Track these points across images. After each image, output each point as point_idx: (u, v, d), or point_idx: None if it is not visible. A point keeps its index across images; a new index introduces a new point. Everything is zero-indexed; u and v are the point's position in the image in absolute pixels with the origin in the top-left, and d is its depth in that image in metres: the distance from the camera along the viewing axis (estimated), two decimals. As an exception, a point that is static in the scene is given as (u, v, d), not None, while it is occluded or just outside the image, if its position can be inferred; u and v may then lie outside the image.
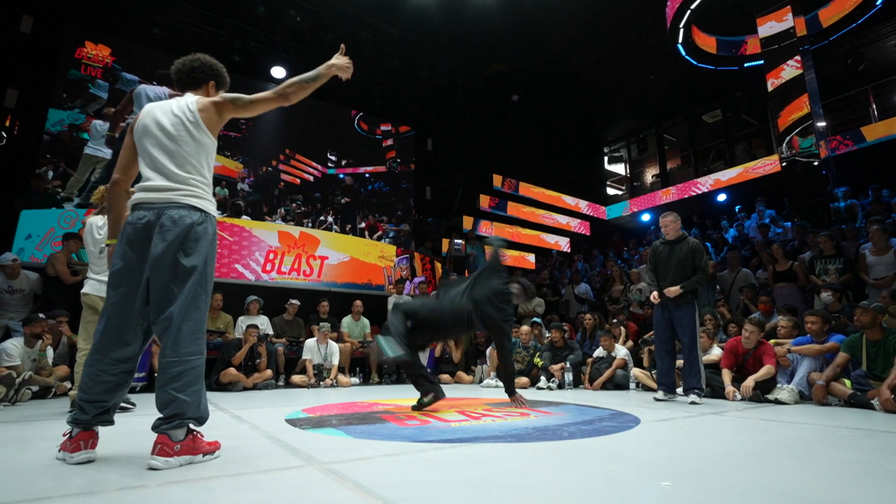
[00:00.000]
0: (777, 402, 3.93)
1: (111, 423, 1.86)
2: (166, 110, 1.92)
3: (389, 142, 12.64)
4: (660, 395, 4.22)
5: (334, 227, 10.66)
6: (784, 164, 8.62)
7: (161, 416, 1.72)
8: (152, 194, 1.84)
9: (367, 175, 11.99)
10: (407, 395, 4.64)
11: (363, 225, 11.53)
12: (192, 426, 1.78)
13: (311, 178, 11.13)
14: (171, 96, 4.45)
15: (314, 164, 11.21)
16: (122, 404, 3.57)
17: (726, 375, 4.36)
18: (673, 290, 4.13)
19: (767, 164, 11.27)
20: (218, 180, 9.81)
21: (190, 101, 1.94)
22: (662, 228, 4.45)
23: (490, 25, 10.09)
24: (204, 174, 1.93)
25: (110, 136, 5.08)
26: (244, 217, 8.73)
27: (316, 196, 11.03)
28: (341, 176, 11.59)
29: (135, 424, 2.72)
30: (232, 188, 9.94)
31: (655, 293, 4.32)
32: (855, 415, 3.27)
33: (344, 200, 11.34)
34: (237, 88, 2.10)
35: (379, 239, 11.31)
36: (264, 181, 10.50)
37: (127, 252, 1.82)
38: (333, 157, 11.59)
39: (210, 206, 1.92)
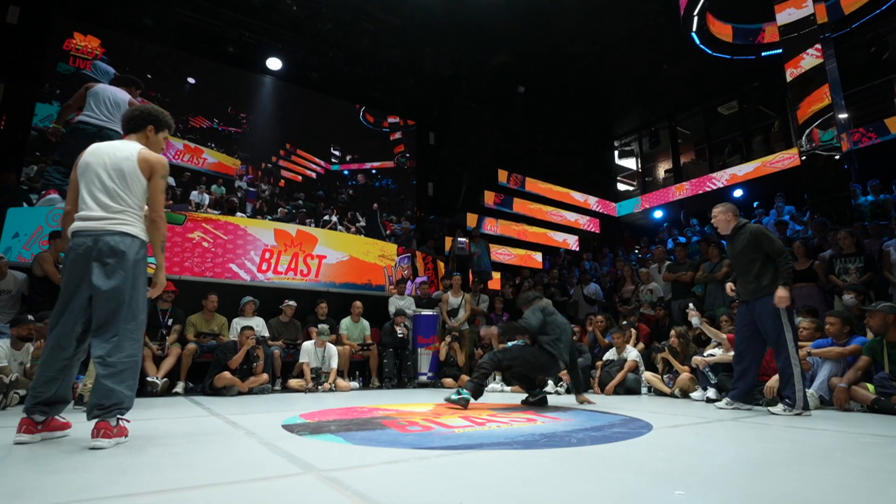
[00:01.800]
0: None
1: (46, 414, 2.31)
2: (111, 154, 2.44)
3: (397, 135, 12.44)
4: (721, 403, 3.98)
5: (339, 227, 10.61)
6: (804, 158, 8.57)
7: (101, 405, 2.19)
8: (90, 223, 2.35)
9: (373, 171, 11.92)
10: (408, 400, 4.65)
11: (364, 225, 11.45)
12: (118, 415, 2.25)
13: (314, 175, 11.05)
14: (129, 104, 4.64)
15: (317, 160, 11.13)
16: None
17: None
18: (783, 298, 3.54)
19: (786, 158, 11.22)
20: (214, 178, 9.82)
21: (132, 152, 2.45)
22: (712, 221, 4.11)
23: (495, 14, 10.07)
24: (135, 206, 2.43)
25: (55, 128, 5.09)
26: (239, 214, 8.72)
27: (319, 194, 11.00)
28: (346, 172, 11.51)
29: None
30: (229, 186, 9.94)
31: (730, 285, 4.04)
32: (879, 421, 3.26)
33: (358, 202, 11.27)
34: (231, 81, 2.17)
35: (400, 235, 11.29)
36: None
37: (70, 273, 2.35)
38: (337, 153, 11.49)
39: (140, 232, 2.43)
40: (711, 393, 4.57)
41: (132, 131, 2.59)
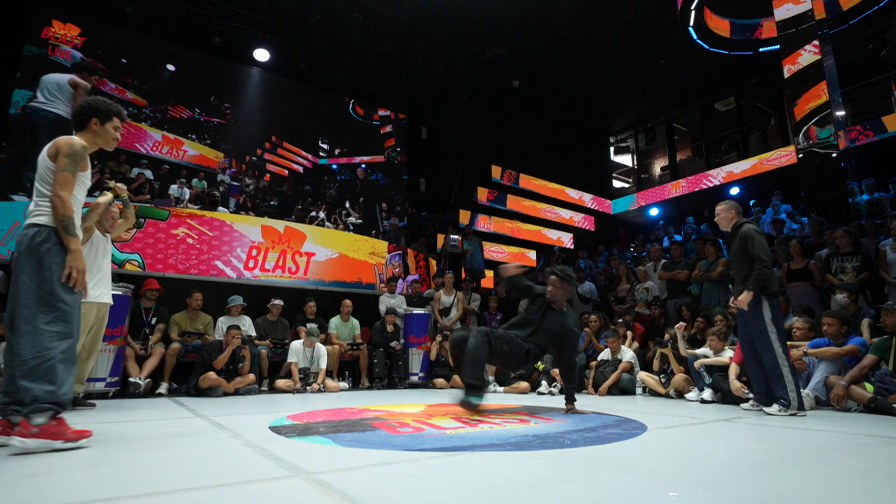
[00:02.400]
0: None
1: (21, 414, 2.22)
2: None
3: (388, 128, 12.34)
4: (746, 405, 3.99)
5: (327, 223, 10.46)
6: (800, 155, 8.67)
7: (20, 402, 2.16)
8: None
9: (363, 166, 11.85)
10: (399, 401, 4.65)
11: (359, 221, 11.31)
12: (55, 413, 2.17)
13: (301, 169, 10.90)
14: (70, 83, 4.68)
15: (304, 154, 11.00)
16: (83, 404, 3.67)
17: (733, 370, 4.41)
18: (741, 301, 3.74)
19: (783, 156, 11.34)
20: (195, 171, 9.66)
21: (55, 142, 2.43)
22: (716, 218, 4.19)
23: (490, 5, 10.08)
24: (47, 194, 2.38)
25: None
26: (221, 210, 8.55)
27: (306, 189, 10.85)
28: (334, 167, 11.39)
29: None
30: (211, 180, 9.77)
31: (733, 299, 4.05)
32: (874, 421, 3.31)
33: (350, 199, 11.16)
34: (216, 73, 2.16)
35: (389, 231, 11.18)
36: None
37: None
38: (325, 146, 11.36)
39: (46, 220, 2.34)
40: (707, 394, 4.62)
41: (79, 129, 2.56)
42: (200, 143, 9.90)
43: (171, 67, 9.76)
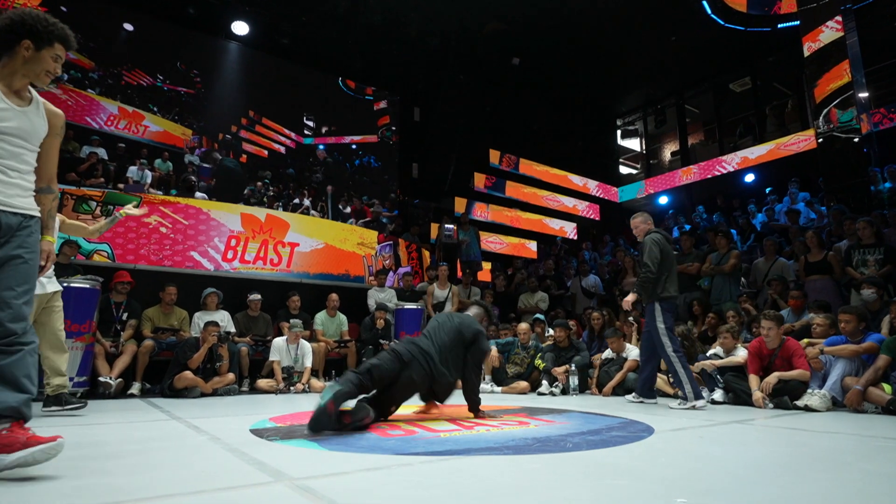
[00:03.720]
0: (807, 408, 4.01)
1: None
2: None
3: (382, 104, 12.02)
4: (630, 396, 4.79)
5: (312, 211, 10.18)
6: (820, 140, 8.70)
7: None
8: None
9: (353, 146, 11.47)
10: (390, 402, 4.66)
11: (349, 209, 11.05)
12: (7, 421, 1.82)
13: (283, 150, 10.46)
14: None
15: (286, 132, 10.57)
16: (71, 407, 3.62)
17: (753, 381, 4.45)
18: (625, 301, 4.71)
19: (801, 140, 11.37)
20: (158, 150, 9.02)
21: None
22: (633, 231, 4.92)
23: (487, -24, 9.99)
24: None
25: None
26: (199, 196, 8.37)
27: (289, 172, 10.40)
28: (321, 147, 11.02)
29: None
30: (177, 160, 9.14)
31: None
32: (893, 423, 3.35)
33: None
34: (192, 47, 2.09)
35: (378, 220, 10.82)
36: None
37: None
38: (311, 123, 10.94)
39: None
40: (718, 394, 4.66)
41: (3, 50, 1.97)
42: (164, 117, 9.19)
43: (128, 27, 9.01)
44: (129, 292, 5.78)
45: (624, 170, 17.29)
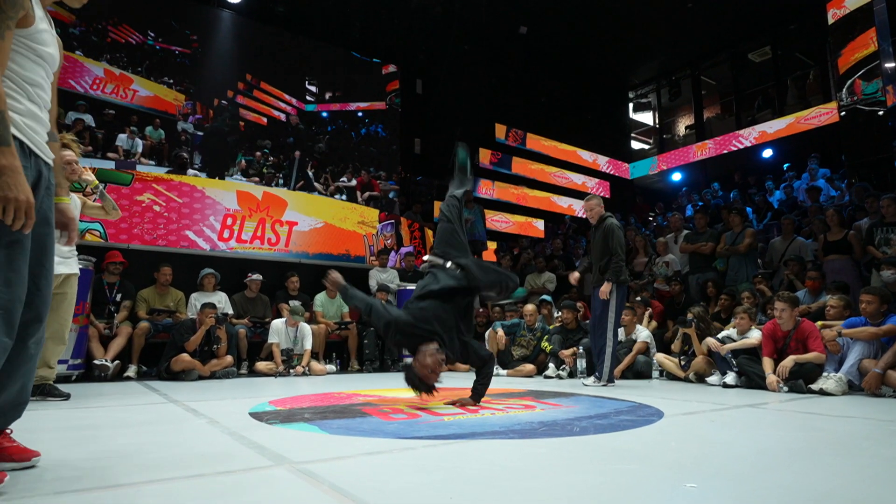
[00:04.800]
0: (822, 392, 4.02)
1: None
2: None
3: (391, 68, 11.73)
4: (589, 380, 4.90)
5: (315, 184, 9.91)
6: (843, 113, 8.59)
7: None
8: None
9: (359, 114, 11.10)
10: (392, 385, 4.71)
11: (354, 182, 10.70)
12: None
13: (283, 117, 10.09)
14: None
15: (287, 98, 10.18)
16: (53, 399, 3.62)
17: (767, 364, 4.46)
18: (603, 291, 4.81)
19: (823, 114, 11.22)
20: (149, 117, 8.60)
21: None
22: (585, 214, 5.28)
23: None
24: None
25: None
26: (191, 172, 8.18)
27: (289, 141, 9.96)
28: (324, 114, 10.62)
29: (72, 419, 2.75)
30: (170, 128, 8.70)
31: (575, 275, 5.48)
32: (911, 407, 3.37)
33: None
34: (184, 9, 2.03)
35: (380, 198, 10.53)
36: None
37: None
38: (314, 89, 10.57)
39: None
40: (730, 378, 4.68)
41: None
42: (156, 81, 8.73)
43: None
44: (123, 273, 5.82)
45: (636, 145, 17.14)
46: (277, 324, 6.00)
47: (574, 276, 5.44)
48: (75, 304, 3.79)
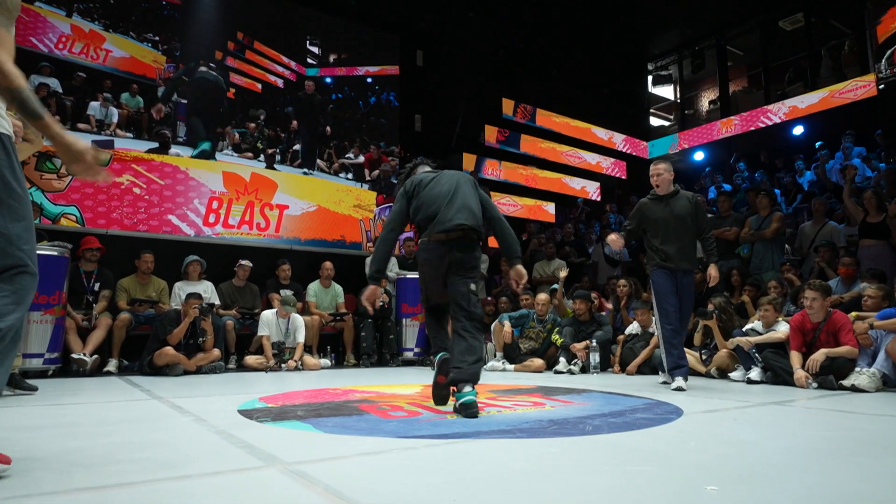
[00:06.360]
0: (854, 389, 4.02)
1: None
2: None
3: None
4: (680, 381, 4.17)
5: (319, 161, 9.32)
6: (881, 86, 8.51)
7: None
8: None
9: (368, 80, 10.65)
10: (391, 381, 4.73)
11: (361, 159, 10.09)
12: None
13: (280, 83, 9.42)
14: None
15: (284, 60, 9.50)
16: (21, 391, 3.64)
17: (795, 358, 4.46)
18: (716, 278, 4.61)
19: (860, 87, 11.10)
20: (125, 82, 7.94)
21: None
22: (653, 179, 4.83)
23: None
24: None
25: None
26: (174, 151, 7.95)
27: (287, 111, 9.38)
28: (328, 80, 10.05)
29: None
30: (148, 95, 8.03)
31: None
32: (950, 405, 3.36)
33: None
34: None
35: (379, 179, 9.99)
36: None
37: None
38: (316, 50, 9.96)
39: None
40: (755, 373, 4.68)
41: None
42: (132, 39, 8.03)
43: None
44: (101, 260, 5.82)
45: (655, 121, 17.02)
46: (268, 315, 6.02)
47: (619, 243, 4.78)
48: (50, 293, 3.78)
